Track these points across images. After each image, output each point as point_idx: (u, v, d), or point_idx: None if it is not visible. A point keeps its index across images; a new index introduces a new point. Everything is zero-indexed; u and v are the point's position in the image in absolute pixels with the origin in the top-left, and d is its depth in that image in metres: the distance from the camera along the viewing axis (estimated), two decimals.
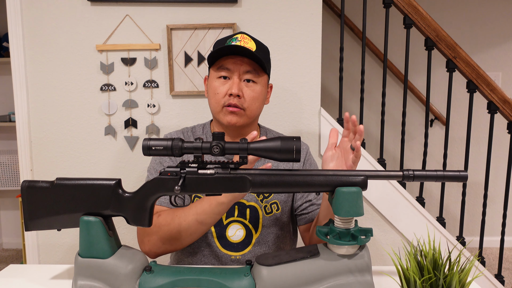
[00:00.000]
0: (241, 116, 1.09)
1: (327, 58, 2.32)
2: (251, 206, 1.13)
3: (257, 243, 1.13)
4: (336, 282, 0.79)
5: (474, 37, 3.03)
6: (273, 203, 1.14)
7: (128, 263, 0.83)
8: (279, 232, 1.16)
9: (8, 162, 2.98)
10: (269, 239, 1.14)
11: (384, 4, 1.76)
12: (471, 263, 0.72)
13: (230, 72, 1.08)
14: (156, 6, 1.61)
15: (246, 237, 1.13)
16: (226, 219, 1.13)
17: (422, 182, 1.92)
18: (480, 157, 3.05)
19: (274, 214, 1.14)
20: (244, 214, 1.13)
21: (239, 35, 1.09)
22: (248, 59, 1.07)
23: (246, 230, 1.13)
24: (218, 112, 1.10)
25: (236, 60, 1.07)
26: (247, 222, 1.13)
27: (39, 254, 1.73)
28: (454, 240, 1.81)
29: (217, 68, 1.09)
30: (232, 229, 1.13)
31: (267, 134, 1.23)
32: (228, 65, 1.08)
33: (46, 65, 1.64)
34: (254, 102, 1.10)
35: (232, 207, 1.13)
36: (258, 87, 1.10)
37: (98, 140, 1.68)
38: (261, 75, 1.11)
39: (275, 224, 1.14)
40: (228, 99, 1.08)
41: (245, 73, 1.08)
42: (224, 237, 1.13)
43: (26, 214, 0.86)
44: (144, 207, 0.84)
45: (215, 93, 1.09)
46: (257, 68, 1.09)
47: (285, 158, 0.79)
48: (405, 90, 1.85)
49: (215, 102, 1.10)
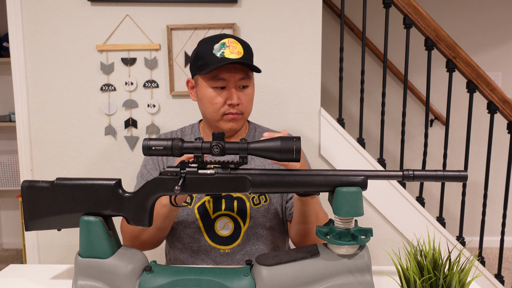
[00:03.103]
0: (240, 120, 1.12)
1: (327, 58, 2.32)
2: (238, 197, 1.13)
3: (246, 235, 1.13)
4: (336, 282, 0.79)
5: (474, 37, 3.03)
6: (261, 194, 1.15)
7: (128, 263, 0.83)
8: (268, 223, 1.15)
9: (8, 162, 2.98)
10: (259, 231, 1.14)
11: (384, 4, 1.76)
12: (471, 263, 0.72)
13: (226, 81, 1.09)
14: (156, 6, 1.61)
15: (235, 230, 1.13)
16: (214, 213, 1.13)
17: (422, 182, 1.92)
18: (480, 157, 3.05)
19: (263, 205, 1.14)
20: (231, 206, 1.13)
21: (225, 40, 1.08)
22: (240, 65, 1.09)
23: (234, 223, 1.13)
24: (218, 120, 1.12)
25: (229, 69, 1.08)
26: (235, 215, 1.13)
27: (39, 254, 1.73)
28: (454, 240, 1.81)
29: (211, 77, 1.09)
30: (221, 222, 1.13)
31: (256, 129, 1.24)
32: (223, 75, 1.08)
33: (46, 65, 1.64)
34: (249, 105, 1.14)
35: (219, 200, 1.13)
36: (251, 89, 1.14)
37: (98, 140, 1.68)
38: (251, 76, 1.13)
39: (263, 216, 1.14)
40: (228, 109, 1.10)
41: (240, 80, 1.09)
42: (212, 231, 1.13)
43: (26, 214, 0.86)
44: (144, 207, 0.84)
45: (212, 103, 1.10)
46: (248, 71, 1.11)
47: (285, 158, 0.79)
48: (405, 90, 1.85)
49: (214, 112, 1.11)
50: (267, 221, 1.14)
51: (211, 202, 1.13)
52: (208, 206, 1.13)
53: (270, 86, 1.66)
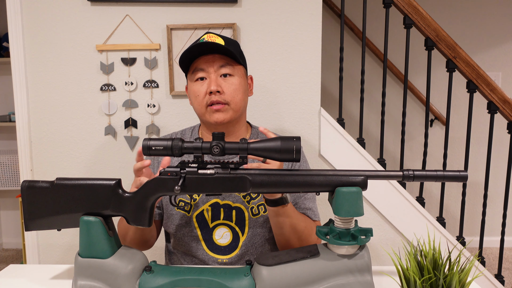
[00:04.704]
0: (227, 111, 1.08)
1: (327, 58, 2.32)
2: (237, 207, 1.11)
3: (244, 246, 1.12)
4: (336, 282, 0.79)
5: (474, 37, 3.03)
6: (260, 205, 1.12)
7: (128, 263, 0.83)
8: (267, 234, 1.13)
9: (8, 162, 2.98)
10: (256, 241, 1.12)
11: (384, 4, 1.76)
12: (471, 263, 0.72)
13: (205, 71, 1.07)
14: (156, 6, 1.61)
15: (233, 240, 1.12)
16: (212, 222, 1.12)
17: (422, 182, 1.92)
18: (480, 157, 3.05)
19: (262, 215, 1.12)
20: (230, 216, 1.11)
21: (205, 35, 1.09)
22: (219, 55, 1.07)
23: (232, 233, 1.12)
24: (204, 114, 1.09)
25: (207, 58, 1.07)
26: (233, 224, 1.11)
27: (39, 254, 1.73)
28: (454, 240, 1.81)
29: (192, 72, 1.10)
30: (219, 232, 1.12)
31: (259, 133, 1.22)
32: (201, 66, 1.07)
33: (46, 65, 1.64)
34: (236, 94, 1.08)
35: (218, 210, 1.11)
36: (236, 79, 1.09)
37: (98, 140, 1.68)
38: (235, 66, 1.10)
39: (262, 226, 1.12)
40: (209, 98, 1.07)
41: (220, 68, 1.07)
42: (211, 240, 1.12)
43: (26, 214, 0.86)
44: (144, 207, 0.84)
45: (196, 96, 1.09)
46: (230, 61, 1.08)
47: (285, 158, 0.79)
48: (405, 90, 1.85)
49: (198, 104, 1.09)
50: (266, 231, 1.13)
51: (210, 211, 1.11)
52: (206, 215, 1.12)
53: (270, 86, 1.66)
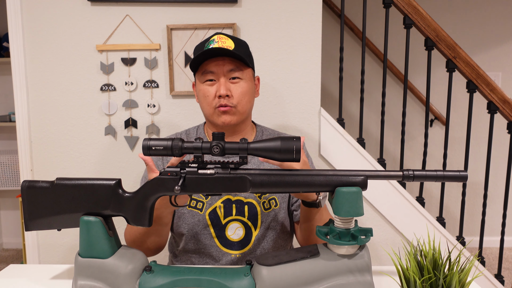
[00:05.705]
0: (234, 114, 1.11)
1: (327, 58, 2.32)
2: (249, 203, 1.13)
3: (257, 240, 1.14)
4: (336, 282, 0.79)
5: (474, 37, 3.03)
6: (272, 199, 1.15)
7: (128, 263, 0.83)
8: (279, 227, 1.16)
9: (8, 162, 2.98)
10: (269, 235, 1.15)
11: (384, 4, 1.76)
12: (471, 263, 0.72)
13: (215, 74, 1.09)
14: (156, 6, 1.61)
15: (246, 235, 1.13)
16: (225, 219, 1.13)
17: (422, 182, 1.92)
18: (480, 157, 3.05)
19: (273, 210, 1.15)
20: (242, 211, 1.13)
21: (215, 36, 1.11)
22: (229, 58, 1.09)
23: (245, 228, 1.13)
24: (212, 114, 1.12)
25: (218, 62, 1.09)
26: (246, 220, 1.13)
27: (39, 254, 1.73)
28: (454, 240, 1.81)
29: (202, 73, 1.11)
30: (231, 228, 1.13)
31: (264, 132, 1.24)
32: (211, 68, 1.09)
33: (46, 65, 1.64)
34: (243, 98, 1.11)
35: (230, 206, 1.13)
36: (245, 83, 1.12)
37: (98, 140, 1.68)
38: (244, 70, 1.12)
39: (274, 220, 1.15)
40: (218, 101, 1.09)
41: (229, 72, 1.09)
42: (223, 237, 1.13)
43: (26, 214, 0.86)
44: (144, 207, 0.84)
45: (205, 97, 1.11)
46: (239, 65, 1.10)
47: (285, 158, 0.79)
48: (405, 90, 1.85)
49: (207, 105, 1.12)
50: (277, 225, 1.15)
51: (222, 208, 1.13)
52: (219, 211, 1.13)
53: (270, 86, 1.66)
